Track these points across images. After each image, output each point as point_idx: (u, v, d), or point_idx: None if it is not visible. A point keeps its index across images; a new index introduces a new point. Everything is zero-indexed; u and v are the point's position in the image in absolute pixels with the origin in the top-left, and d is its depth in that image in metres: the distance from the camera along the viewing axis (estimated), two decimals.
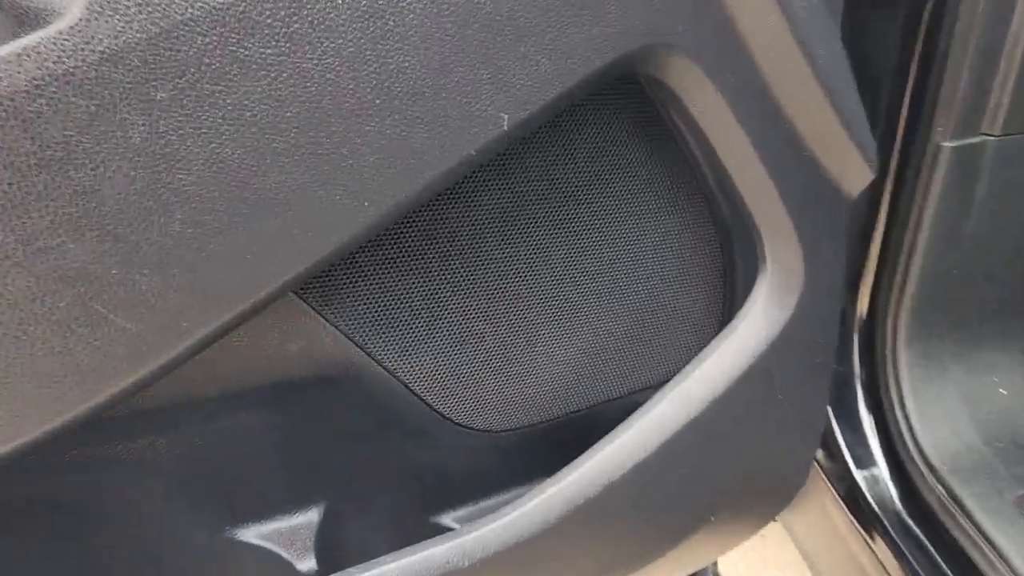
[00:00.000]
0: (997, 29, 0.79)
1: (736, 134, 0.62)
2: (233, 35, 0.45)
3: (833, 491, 1.05)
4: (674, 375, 0.74)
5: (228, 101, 0.45)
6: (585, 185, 0.74)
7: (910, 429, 0.99)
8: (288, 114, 0.47)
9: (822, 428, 0.89)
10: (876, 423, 1.03)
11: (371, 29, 0.48)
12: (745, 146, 0.63)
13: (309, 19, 0.46)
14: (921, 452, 0.98)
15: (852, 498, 1.02)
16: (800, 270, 0.71)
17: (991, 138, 0.85)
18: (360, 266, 0.66)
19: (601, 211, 0.76)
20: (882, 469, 1.02)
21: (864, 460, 1.02)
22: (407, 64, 0.49)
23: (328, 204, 0.50)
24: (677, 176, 0.78)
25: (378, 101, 0.49)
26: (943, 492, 0.95)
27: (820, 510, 1.09)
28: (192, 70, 0.44)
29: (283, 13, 0.45)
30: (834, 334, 0.80)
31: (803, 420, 0.84)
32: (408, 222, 0.67)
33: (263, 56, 0.46)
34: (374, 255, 0.66)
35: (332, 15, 0.47)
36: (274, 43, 0.46)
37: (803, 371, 0.78)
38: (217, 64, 0.45)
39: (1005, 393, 1.04)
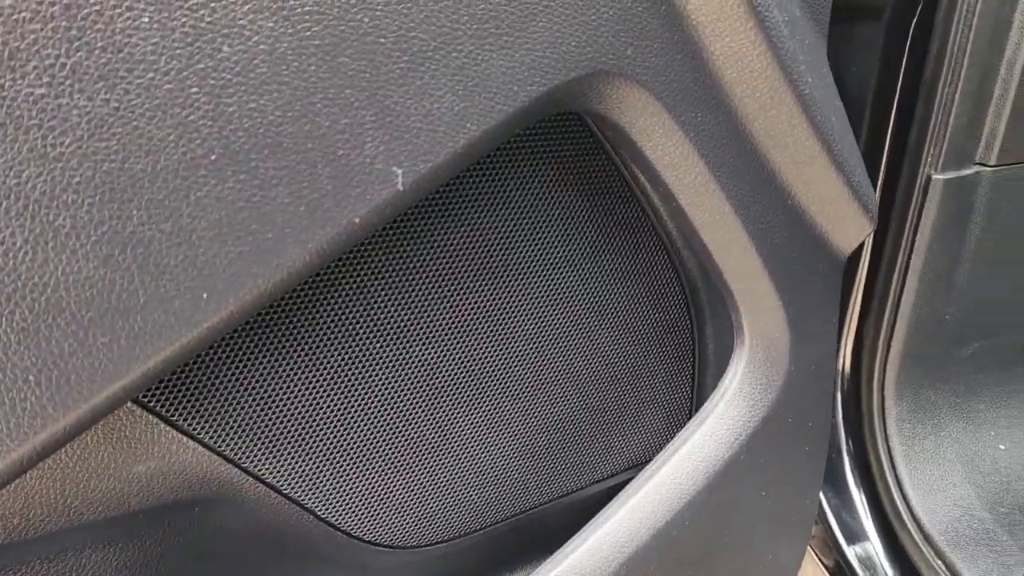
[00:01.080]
0: (993, 47, 0.70)
1: (705, 183, 0.51)
2: None
3: (820, 565, 0.99)
4: (635, 465, 0.62)
5: None
6: (515, 242, 0.63)
7: (903, 494, 0.92)
8: (76, 180, 0.33)
9: (813, 520, 0.77)
10: (865, 488, 0.95)
11: (197, 58, 0.34)
12: (716, 197, 0.52)
13: (101, 45, 0.32)
14: (916, 521, 0.91)
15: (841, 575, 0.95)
16: (785, 343, 0.61)
17: (986, 169, 0.77)
18: (221, 362, 0.54)
19: (538, 274, 0.65)
20: (875, 543, 0.95)
21: (854, 532, 0.96)
22: (254, 106, 0.36)
23: (145, 300, 0.36)
24: (634, 230, 0.69)
25: (213, 157, 0.36)
26: (943, 568, 0.89)
27: None
28: None
29: (59, 37, 0.32)
30: (827, 418, 0.70)
31: (793, 516, 0.74)
32: (282, 303, 0.55)
33: (29, 99, 0.32)
34: (238, 348, 0.54)
35: (135, 38, 0.33)
36: (47, 79, 0.32)
37: (791, 463, 0.68)
38: None
39: (1004, 448, 0.99)
